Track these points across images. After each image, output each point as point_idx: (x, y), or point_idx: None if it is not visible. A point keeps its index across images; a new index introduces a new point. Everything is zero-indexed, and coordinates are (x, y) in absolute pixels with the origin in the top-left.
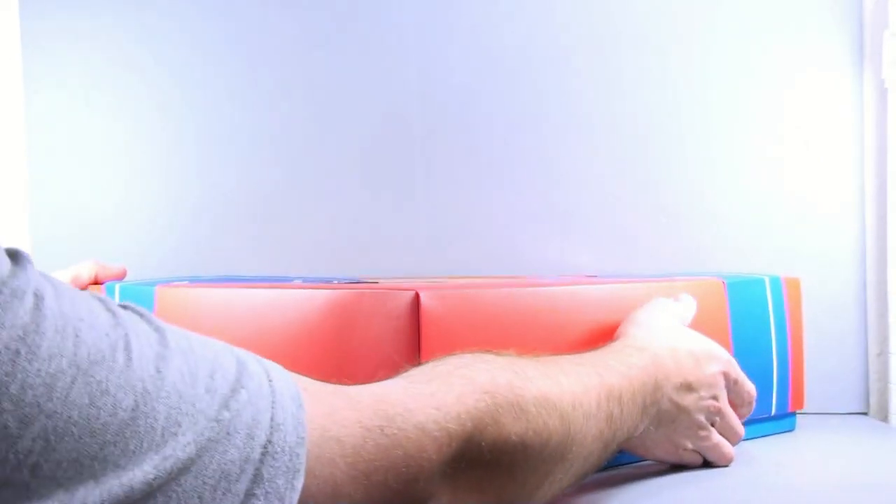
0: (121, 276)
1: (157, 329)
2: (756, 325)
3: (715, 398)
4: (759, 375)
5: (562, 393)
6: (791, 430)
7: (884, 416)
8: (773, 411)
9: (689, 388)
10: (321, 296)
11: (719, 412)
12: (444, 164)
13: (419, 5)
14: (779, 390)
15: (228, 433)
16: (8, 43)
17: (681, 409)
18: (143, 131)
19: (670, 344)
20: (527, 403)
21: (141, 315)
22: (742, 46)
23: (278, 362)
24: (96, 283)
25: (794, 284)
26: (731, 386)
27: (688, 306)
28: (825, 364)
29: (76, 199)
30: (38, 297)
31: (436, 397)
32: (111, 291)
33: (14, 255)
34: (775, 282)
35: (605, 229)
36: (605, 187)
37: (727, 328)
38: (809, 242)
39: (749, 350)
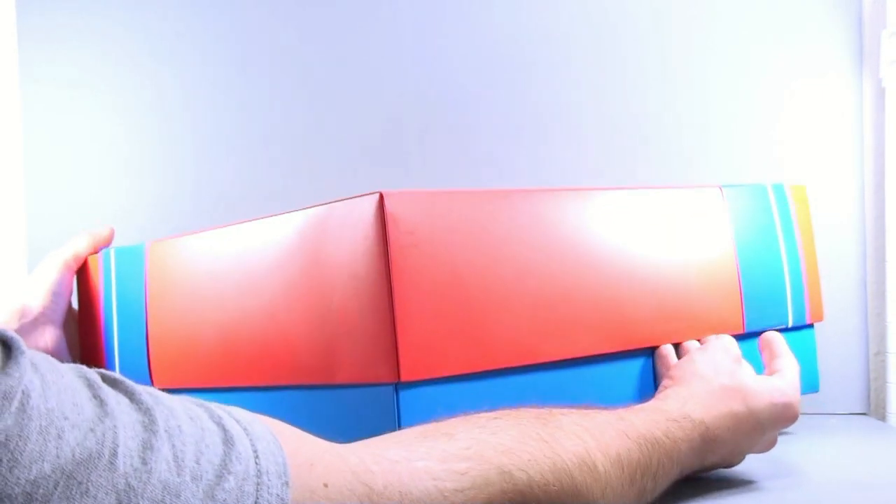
0: (110, 240)
1: (146, 410)
2: (762, 234)
3: (772, 441)
4: (771, 286)
5: (595, 480)
6: (812, 343)
7: (882, 416)
8: (790, 323)
9: (741, 451)
10: (296, 218)
11: (772, 444)
12: (440, 156)
13: None
14: (794, 300)
15: None
16: (5, 39)
17: (735, 460)
18: (140, 128)
19: (731, 411)
20: (553, 502)
21: (131, 395)
22: (741, 45)
23: (265, 294)
24: (94, 252)
25: (801, 192)
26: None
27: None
28: (825, 365)
29: (73, 195)
30: (25, 395)
31: (466, 495)
32: (107, 256)
33: (6, 344)
34: (779, 189)
35: None
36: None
37: (730, 238)
38: None
39: (756, 259)
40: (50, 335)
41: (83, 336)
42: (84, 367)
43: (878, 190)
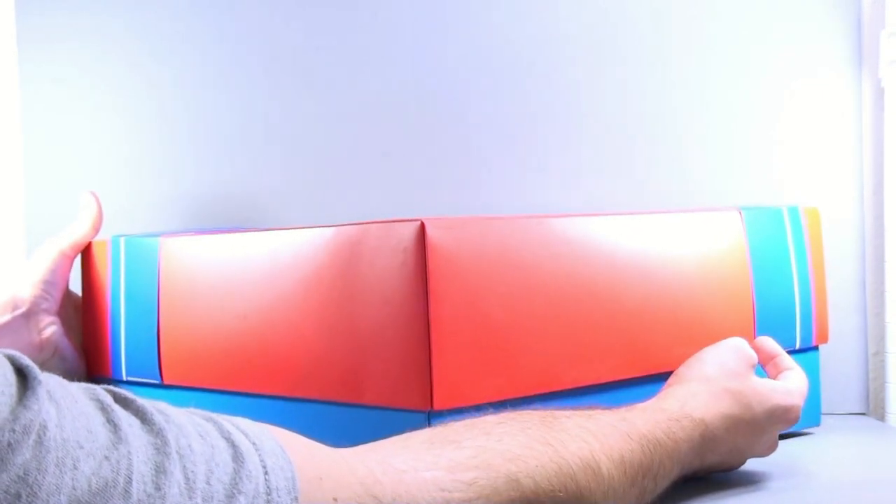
0: (101, 208)
1: (158, 431)
2: (776, 257)
3: (772, 444)
4: (781, 308)
5: (598, 483)
6: (815, 365)
7: (881, 416)
8: (798, 345)
9: (740, 452)
10: (327, 233)
11: (773, 448)
12: (440, 156)
13: None
14: (802, 323)
15: None
16: (5, 39)
17: (735, 462)
18: (140, 128)
19: (731, 412)
20: None
21: (142, 415)
22: (741, 45)
23: (289, 306)
24: (97, 231)
25: (814, 214)
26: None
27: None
28: (825, 364)
29: (73, 195)
30: (42, 427)
31: None
32: (116, 245)
33: (21, 373)
34: (793, 212)
35: None
36: (591, 190)
37: (746, 260)
38: None
39: (770, 282)
40: (44, 325)
41: (86, 323)
42: (96, 388)
43: (877, 190)
